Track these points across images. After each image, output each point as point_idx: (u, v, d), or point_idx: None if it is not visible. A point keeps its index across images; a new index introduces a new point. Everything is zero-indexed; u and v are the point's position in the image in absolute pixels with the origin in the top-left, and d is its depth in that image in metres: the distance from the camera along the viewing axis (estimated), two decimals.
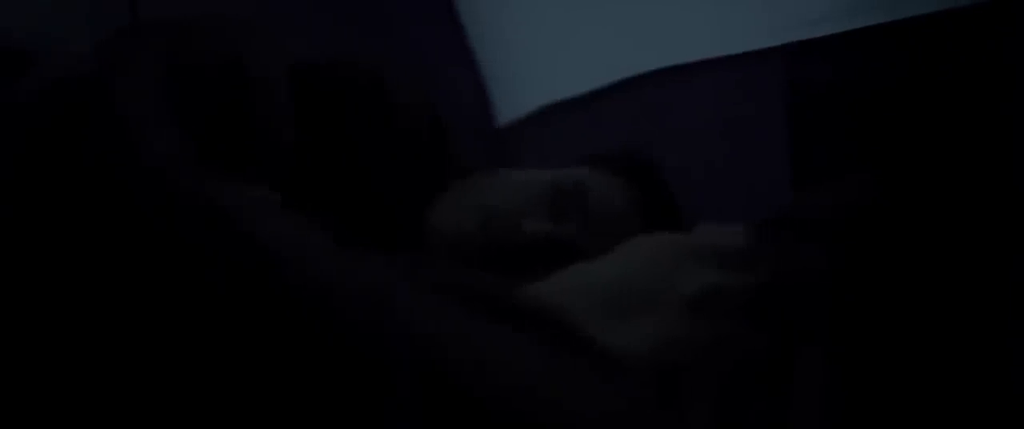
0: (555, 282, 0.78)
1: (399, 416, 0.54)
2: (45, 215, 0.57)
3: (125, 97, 0.63)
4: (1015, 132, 1.04)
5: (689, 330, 0.76)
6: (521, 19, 1.53)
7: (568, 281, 0.78)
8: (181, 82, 0.69)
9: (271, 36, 0.81)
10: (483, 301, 0.62)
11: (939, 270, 0.87)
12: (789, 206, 1.03)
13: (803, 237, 0.86)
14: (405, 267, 0.61)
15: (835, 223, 0.89)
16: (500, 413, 0.56)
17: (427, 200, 0.97)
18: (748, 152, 1.34)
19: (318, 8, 1.45)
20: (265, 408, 0.54)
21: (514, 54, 1.55)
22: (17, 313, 0.56)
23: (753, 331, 0.78)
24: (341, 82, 0.88)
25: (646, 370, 0.72)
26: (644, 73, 1.42)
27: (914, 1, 1.16)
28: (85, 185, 0.58)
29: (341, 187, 0.85)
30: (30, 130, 0.60)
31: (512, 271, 0.83)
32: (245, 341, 0.54)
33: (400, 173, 0.92)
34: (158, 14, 1.12)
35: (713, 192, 1.32)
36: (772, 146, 1.30)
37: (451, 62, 1.58)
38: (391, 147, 0.91)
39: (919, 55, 1.16)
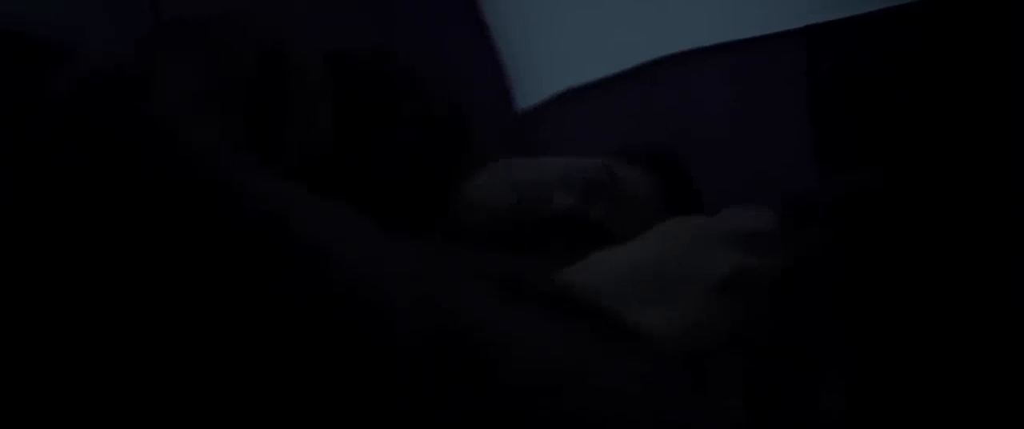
0: (585, 265, 0.81)
1: (435, 395, 0.56)
2: (83, 206, 0.59)
3: (166, 90, 0.65)
4: None
5: (718, 312, 0.78)
6: (540, 3, 1.55)
7: (598, 264, 0.81)
8: (223, 76, 0.71)
9: (304, 27, 0.83)
10: (517, 285, 0.65)
11: (963, 255, 0.89)
12: (814, 190, 1.05)
13: (828, 221, 0.89)
14: (443, 253, 0.63)
15: (858, 207, 0.91)
16: (534, 392, 0.59)
17: (451, 188, 1.00)
18: (768, 136, 1.36)
19: None
20: (309, 397, 0.56)
21: (533, 38, 1.57)
22: (53, 302, 0.58)
23: (780, 313, 0.80)
24: (378, 72, 0.91)
25: (676, 351, 0.74)
26: (664, 57, 1.44)
27: None
28: (124, 177, 0.60)
29: (374, 174, 0.88)
30: (68, 121, 0.62)
31: (542, 244, 0.86)
32: (288, 331, 0.56)
33: (429, 161, 0.95)
34: (178, 9, 1.14)
35: (733, 176, 1.34)
36: (793, 129, 1.32)
37: (470, 47, 1.59)
38: (422, 136, 0.93)
39: (943, 37, 1.17)
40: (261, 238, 0.57)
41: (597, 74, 1.50)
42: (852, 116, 1.24)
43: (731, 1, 1.39)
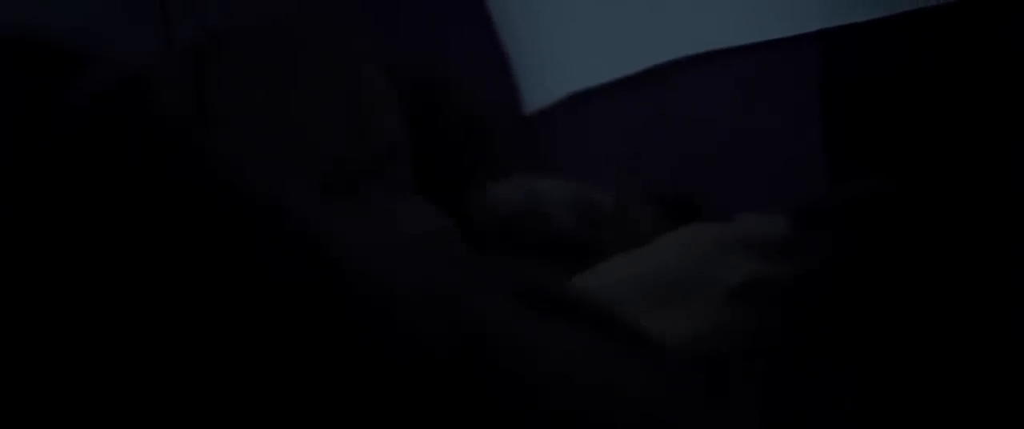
0: (598, 272, 0.82)
1: (446, 397, 0.58)
2: (108, 214, 0.61)
3: (203, 101, 0.66)
4: None
5: (732, 319, 0.80)
6: (549, 5, 1.56)
7: (611, 271, 0.82)
8: (280, 87, 0.73)
9: (357, 36, 0.85)
10: (534, 290, 0.66)
11: (979, 262, 0.90)
12: (827, 196, 1.06)
13: (842, 227, 0.90)
14: (461, 258, 0.65)
15: (872, 214, 0.92)
16: (551, 400, 0.60)
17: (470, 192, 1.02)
18: (781, 141, 1.37)
19: None
20: (305, 390, 0.57)
21: (542, 40, 1.58)
22: (75, 310, 0.59)
23: (795, 320, 0.82)
24: (436, 82, 0.93)
25: (690, 359, 0.76)
26: (675, 60, 1.45)
27: None
28: (150, 186, 0.61)
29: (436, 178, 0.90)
30: (87, 130, 0.63)
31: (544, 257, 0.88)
32: (300, 336, 0.58)
33: (455, 167, 0.97)
34: (188, 13, 1.16)
35: (746, 181, 1.36)
36: (806, 135, 1.33)
37: (477, 48, 1.61)
38: (447, 143, 0.96)
39: (961, 43, 1.18)
40: (272, 239, 0.59)
41: (607, 77, 1.52)
42: (866, 122, 1.25)
43: (744, 5, 1.40)
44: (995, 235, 0.93)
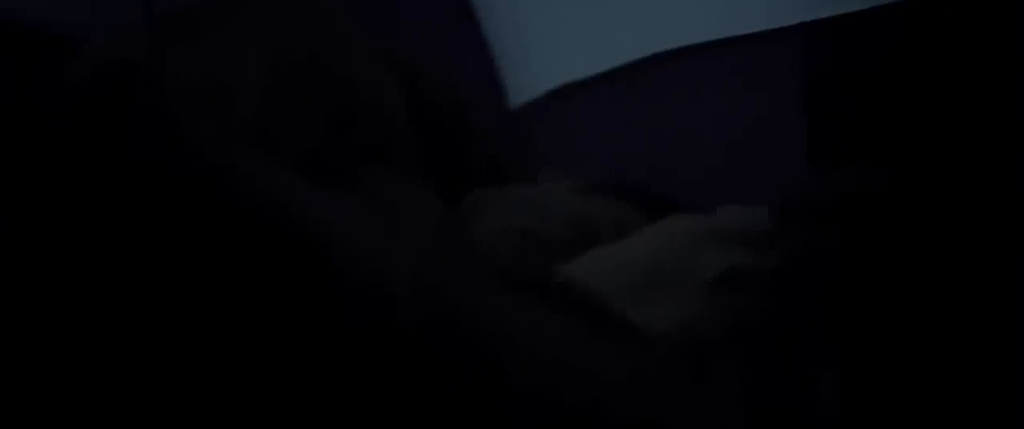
0: (583, 262, 0.84)
1: (434, 382, 0.59)
2: (98, 201, 0.62)
3: (176, 83, 0.67)
4: None
5: (713, 310, 0.82)
6: (533, 0, 1.57)
7: (596, 261, 0.84)
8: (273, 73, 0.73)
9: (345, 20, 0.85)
10: (519, 279, 0.68)
11: (957, 255, 0.92)
12: (809, 188, 1.08)
13: (822, 218, 0.92)
14: (448, 246, 0.66)
15: (853, 205, 0.94)
16: (534, 382, 0.62)
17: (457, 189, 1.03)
18: (765, 133, 1.39)
19: None
20: (308, 380, 0.59)
21: (527, 33, 1.59)
22: (65, 300, 0.60)
23: (775, 311, 0.84)
24: (423, 74, 0.95)
25: (672, 347, 0.77)
26: (660, 52, 1.47)
27: None
28: (140, 170, 0.62)
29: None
30: (85, 113, 0.64)
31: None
32: (287, 317, 0.59)
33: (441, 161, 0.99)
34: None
35: (729, 173, 1.37)
36: (789, 126, 1.35)
37: (461, 40, 1.62)
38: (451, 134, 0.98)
39: (943, 33, 1.20)
40: (261, 225, 0.60)
41: (591, 71, 1.53)
42: (849, 114, 1.27)
43: None
44: (977, 226, 0.95)
